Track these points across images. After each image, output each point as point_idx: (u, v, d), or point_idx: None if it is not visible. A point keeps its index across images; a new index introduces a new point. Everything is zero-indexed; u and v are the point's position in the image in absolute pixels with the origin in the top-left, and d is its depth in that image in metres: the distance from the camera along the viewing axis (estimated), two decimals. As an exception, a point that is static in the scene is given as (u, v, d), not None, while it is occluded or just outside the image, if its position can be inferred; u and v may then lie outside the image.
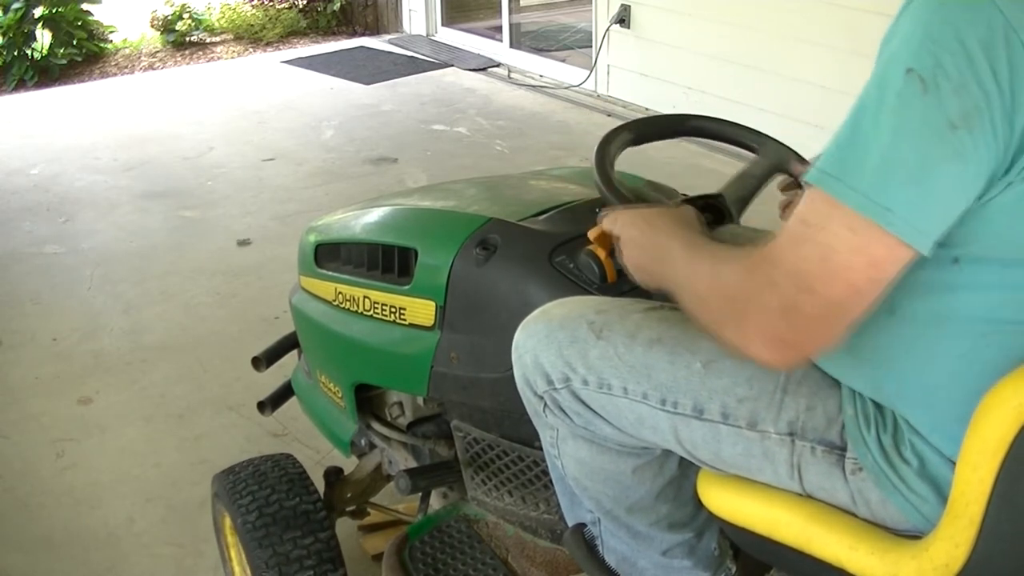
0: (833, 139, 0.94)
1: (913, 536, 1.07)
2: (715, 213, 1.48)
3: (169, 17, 7.13)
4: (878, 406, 1.09)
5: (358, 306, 1.81)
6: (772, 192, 1.57)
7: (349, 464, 2.11)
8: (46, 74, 6.52)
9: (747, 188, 1.56)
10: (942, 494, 1.03)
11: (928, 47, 0.89)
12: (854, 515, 1.11)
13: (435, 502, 1.94)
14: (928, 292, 1.01)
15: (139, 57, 6.97)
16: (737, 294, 0.99)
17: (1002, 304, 0.98)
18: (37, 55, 6.58)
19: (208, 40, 7.27)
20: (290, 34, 7.27)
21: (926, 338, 1.02)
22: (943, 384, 1.02)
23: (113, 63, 6.84)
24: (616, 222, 1.30)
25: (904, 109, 0.89)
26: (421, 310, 1.67)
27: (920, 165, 0.89)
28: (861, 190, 0.90)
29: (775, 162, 1.59)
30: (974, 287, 0.98)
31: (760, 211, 1.58)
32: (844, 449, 1.11)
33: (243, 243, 4.00)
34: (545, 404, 1.31)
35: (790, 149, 1.59)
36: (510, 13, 6.34)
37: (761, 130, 1.63)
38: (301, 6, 7.41)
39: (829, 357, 1.12)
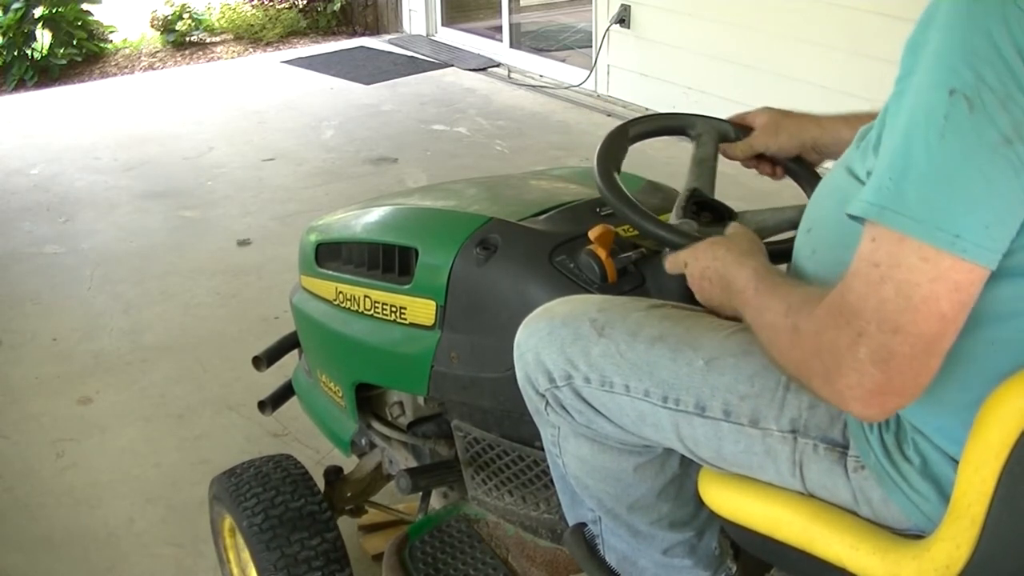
0: (883, 169, 0.92)
1: (914, 536, 1.07)
2: (712, 211, 1.48)
3: (169, 17, 7.13)
4: (881, 404, 1.09)
5: (359, 305, 1.81)
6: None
7: (349, 463, 2.11)
8: (46, 74, 6.52)
9: (710, 172, 1.56)
10: (944, 494, 1.03)
11: (967, 62, 0.87)
12: (855, 514, 1.11)
13: (435, 502, 1.94)
14: None
15: (139, 57, 6.97)
16: (823, 350, 0.95)
17: (1011, 312, 0.97)
18: (37, 55, 6.58)
19: (208, 40, 7.27)
20: (290, 34, 7.27)
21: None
22: (947, 384, 1.02)
23: (113, 63, 6.84)
24: (680, 259, 1.29)
25: (955, 132, 0.87)
26: (421, 309, 1.67)
27: (982, 186, 0.87)
28: (926, 220, 0.88)
29: (714, 135, 1.59)
30: (984, 294, 0.97)
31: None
32: (846, 447, 1.11)
33: (243, 243, 4.00)
34: (547, 402, 1.31)
35: (717, 118, 1.61)
36: (510, 13, 6.34)
37: (703, 114, 1.65)
38: (301, 6, 7.41)
39: None
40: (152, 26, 7.22)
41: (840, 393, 0.95)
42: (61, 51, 6.61)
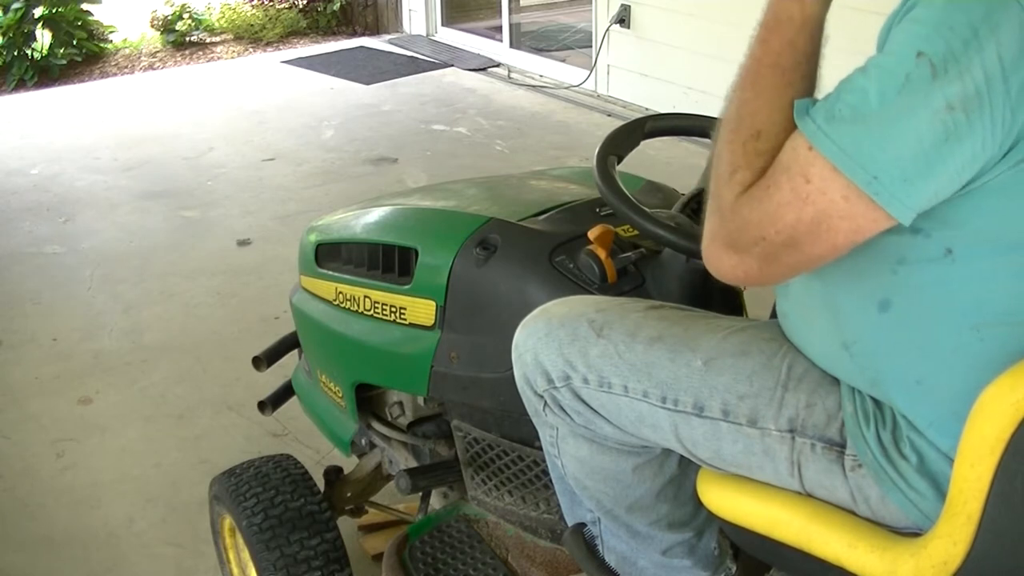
0: (843, 97, 0.96)
1: (912, 534, 1.07)
2: None
3: (169, 17, 7.13)
4: (877, 403, 1.09)
5: (358, 306, 1.81)
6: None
7: (349, 463, 2.11)
8: (46, 74, 6.52)
9: None
10: (941, 491, 1.03)
11: (942, 32, 0.91)
12: (853, 513, 1.12)
13: (435, 502, 1.94)
14: (923, 287, 1.01)
15: (139, 57, 6.97)
16: (730, 218, 1.02)
17: (996, 298, 0.98)
18: (37, 55, 6.58)
19: (208, 40, 7.27)
20: (290, 34, 7.27)
21: (921, 334, 1.03)
22: (939, 380, 1.02)
23: (113, 63, 6.84)
24: None
25: (910, 91, 0.91)
26: (421, 310, 1.67)
27: (912, 141, 0.92)
28: (858, 161, 0.93)
29: None
30: (968, 280, 0.98)
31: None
32: (844, 446, 1.11)
33: (243, 243, 4.00)
34: (545, 403, 1.31)
35: None
36: (510, 13, 6.34)
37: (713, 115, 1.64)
38: (301, 6, 7.41)
39: (828, 354, 1.12)
40: (152, 26, 7.23)
41: (715, 255, 1.04)
42: (61, 51, 6.61)
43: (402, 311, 1.71)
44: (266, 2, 7.41)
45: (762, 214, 0.99)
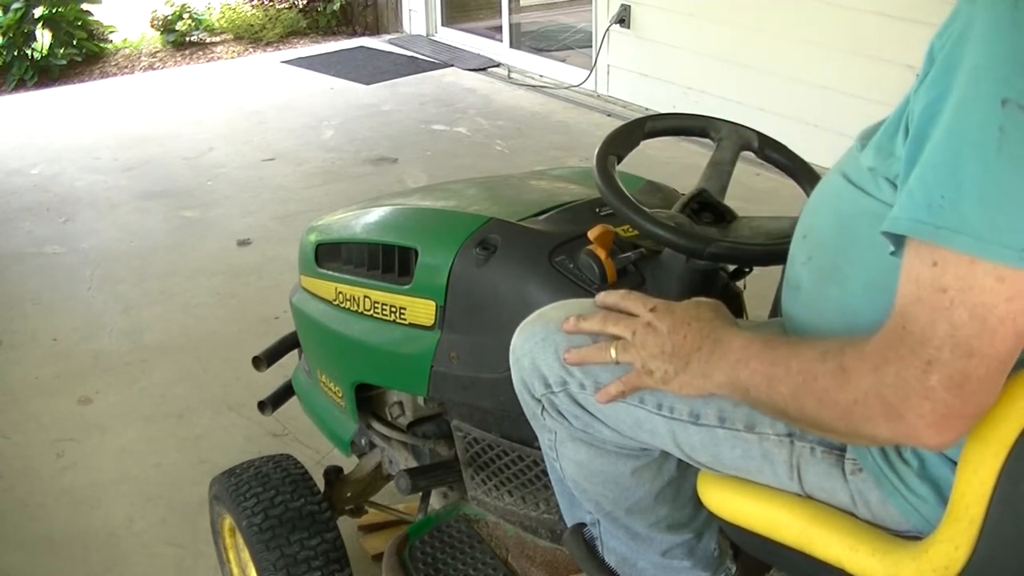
0: (929, 185, 0.87)
1: (913, 537, 1.07)
2: (714, 212, 1.48)
3: (169, 17, 7.14)
4: (879, 407, 1.08)
5: (358, 306, 1.81)
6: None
7: (349, 463, 2.11)
8: (46, 74, 6.52)
9: (722, 176, 1.56)
10: (942, 495, 1.03)
11: (1019, 71, 0.84)
12: (854, 516, 1.11)
13: (435, 502, 1.94)
14: None
15: (139, 57, 6.97)
16: (885, 385, 0.90)
17: None
18: (37, 55, 6.58)
19: (208, 40, 7.28)
20: (290, 34, 7.27)
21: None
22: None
23: (113, 63, 6.84)
24: (638, 305, 1.18)
25: (1012, 143, 0.83)
26: (421, 310, 1.67)
27: None
28: (992, 239, 0.84)
29: (737, 142, 1.60)
30: None
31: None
32: (844, 449, 1.11)
33: (243, 243, 4.00)
34: (543, 407, 1.31)
35: (743, 125, 1.61)
36: (510, 13, 6.34)
37: (729, 119, 1.65)
38: (301, 6, 7.42)
39: None
40: (152, 26, 7.23)
41: (910, 425, 0.90)
42: (61, 51, 6.61)
43: (402, 311, 1.71)
44: (266, 2, 7.41)
45: (911, 342, 0.88)
